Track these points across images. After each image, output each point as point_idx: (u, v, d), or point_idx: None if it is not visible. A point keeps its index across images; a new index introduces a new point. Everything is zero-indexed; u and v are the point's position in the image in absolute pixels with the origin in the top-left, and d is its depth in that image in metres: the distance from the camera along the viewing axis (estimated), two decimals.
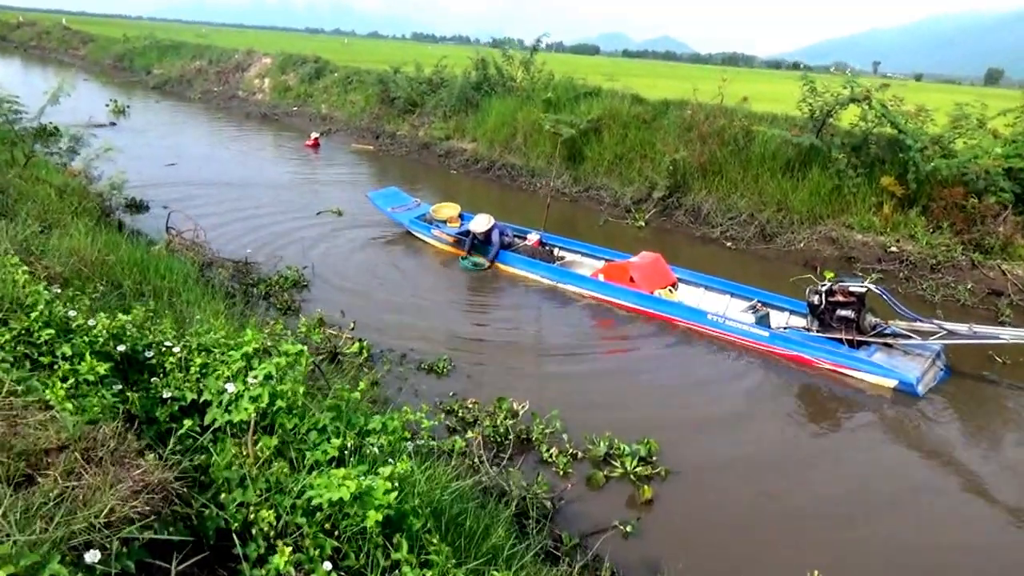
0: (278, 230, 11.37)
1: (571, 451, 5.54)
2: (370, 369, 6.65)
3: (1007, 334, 6.95)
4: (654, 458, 5.49)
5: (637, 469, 5.35)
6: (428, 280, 9.78)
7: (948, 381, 7.46)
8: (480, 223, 10.19)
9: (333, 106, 24.58)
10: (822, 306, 7.87)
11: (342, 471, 2.55)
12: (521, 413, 5.87)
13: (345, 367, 6.61)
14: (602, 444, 5.56)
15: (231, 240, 10.41)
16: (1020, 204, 10.35)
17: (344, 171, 17.21)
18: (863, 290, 7.65)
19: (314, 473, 2.65)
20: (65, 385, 2.74)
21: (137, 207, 11.60)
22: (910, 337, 7.57)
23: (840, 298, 7.76)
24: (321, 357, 6.68)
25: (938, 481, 5.81)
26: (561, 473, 5.34)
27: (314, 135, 19.87)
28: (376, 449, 3.11)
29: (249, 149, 19.31)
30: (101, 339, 3.15)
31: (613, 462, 5.48)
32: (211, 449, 2.78)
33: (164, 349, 3.38)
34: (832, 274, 10.44)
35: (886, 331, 7.72)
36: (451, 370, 6.83)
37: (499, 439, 5.59)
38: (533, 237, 10.68)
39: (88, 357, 2.92)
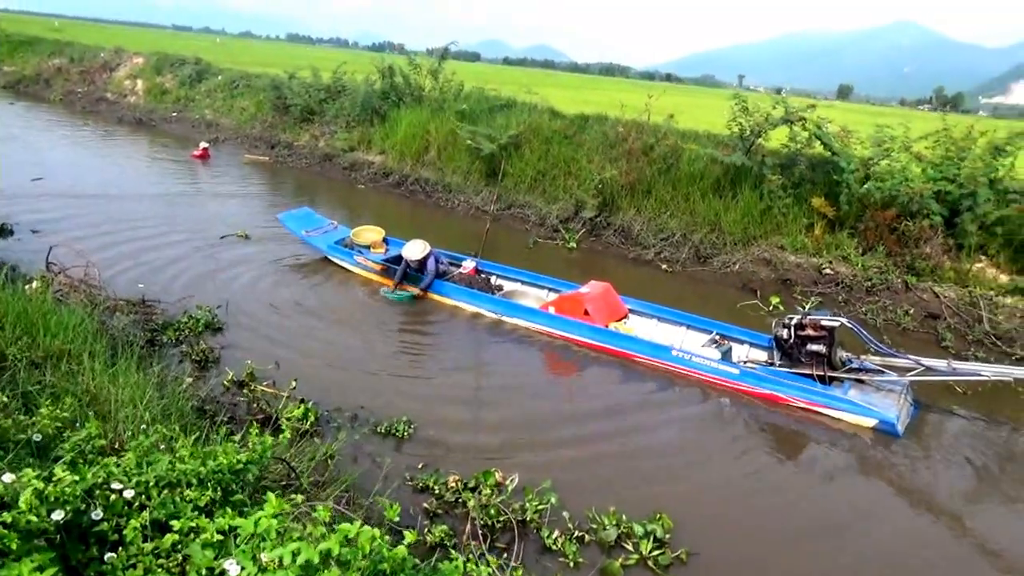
0: (174, 257, 9.97)
1: (575, 533, 4.78)
2: (318, 437, 5.64)
3: (988, 371, 6.78)
4: (668, 536, 4.82)
5: (654, 553, 4.66)
6: (362, 317, 8.71)
7: (917, 417, 7.26)
8: (415, 250, 9.25)
9: (219, 112, 22.72)
10: (791, 340, 7.51)
11: None
12: (511, 488, 5.05)
13: (286, 434, 5.57)
14: (609, 524, 4.84)
15: (118, 270, 8.97)
16: (947, 227, 10.51)
17: (239, 185, 15.69)
18: (835, 324, 7.33)
19: None
20: None
21: None
22: (883, 372, 7.32)
23: (811, 332, 7.40)
24: (253, 420, 5.61)
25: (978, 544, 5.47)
26: (572, 564, 4.57)
27: (203, 144, 18.11)
28: None
29: (126, 159, 17.36)
30: (27, 515, 2.10)
31: (625, 544, 4.77)
32: None
33: (112, 498, 2.35)
34: (778, 298, 10.39)
35: (858, 366, 7.45)
36: (412, 433, 5.90)
37: (490, 522, 4.76)
38: (469, 264, 9.85)
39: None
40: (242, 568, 2.04)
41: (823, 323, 7.36)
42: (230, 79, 23.86)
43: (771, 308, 10.13)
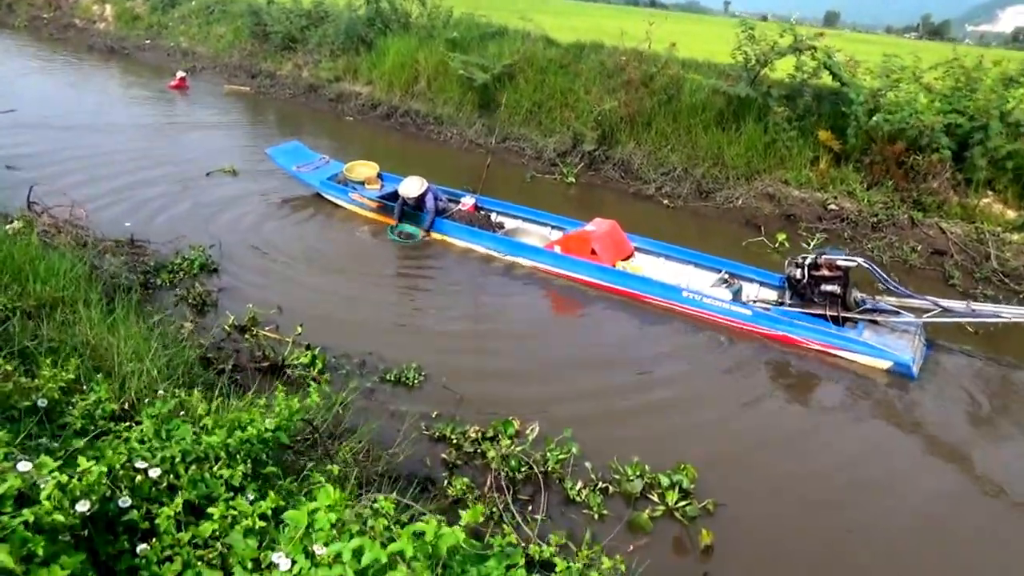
0: (160, 194, 9.56)
1: (599, 484, 4.65)
2: (326, 384, 5.43)
3: (1008, 312, 6.65)
4: (693, 487, 4.69)
5: (681, 505, 4.55)
6: (361, 256, 8.41)
7: (930, 357, 7.15)
8: (412, 186, 8.88)
9: (194, 40, 21.67)
10: (804, 280, 7.33)
11: None
12: (531, 438, 4.89)
13: (296, 381, 5.36)
14: (633, 474, 4.71)
15: (102, 208, 8.56)
16: (955, 161, 10.26)
17: (221, 117, 15.06)
18: (851, 264, 7.15)
19: None
20: None
21: None
22: (898, 313, 7.17)
23: (825, 272, 7.23)
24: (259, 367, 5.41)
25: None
26: (596, 516, 4.44)
27: (179, 74, 17.29)
28: None
29: (101, 90, 16.59)
30: (52, 513, 1.85)
31: (650, 495, 4.65)
32: None
33: (138, 479, 2.11)
34: (784, 235, 10.17)
35: (872, 306, 7.30)
36: (422, 380, 5.70)
37: (511, 473, 4.61)
38: (468, 201, 9.51)
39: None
40: (293, 562, 1.83)
41: (838, 263, 7.18)
42: (205, 4, 22.66)
43: (777, 245, 9.93)
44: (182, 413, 2.81)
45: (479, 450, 4.82)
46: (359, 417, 4.91)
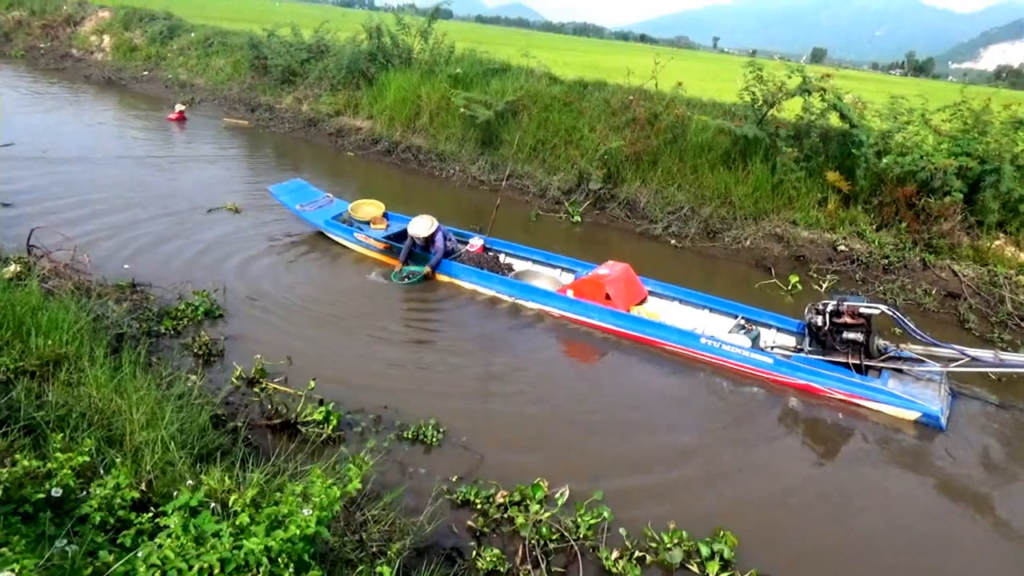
0: (160, 232, 9.32)
1: (636, 553, 4.40)
2: (340, 443, 5.18)
3: None
4: (735, 556, 4.45)
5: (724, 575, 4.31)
6: (370, 301, 8.14)
7: (955, 408, 6.97)
8: (421, 226, 8.72)
9: (193, 72, 21.64)
10: (826, 327, 7.16)
11: None
12: (560, 502, 4.65)
13: (309, 440, 5.11)
14: (671, 542, 4.46)
15: (101, 247, 8.32)
16: (966, 203, 10.20)
17: (220, 151, 14.89)
18: (874, 311, 6.99)
19: None
20: None
21: None
22: (923, 362, 7.00)
23: (847, 319, 7.06)
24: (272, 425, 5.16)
25: None
26: None
27: (179, 107, 17.17)
28: None
29: (99, 122, 16.38)
30: None
31: (690, 566, 4.40)
32: None
33: None
34: (796, 277, 10.04)
35: (896, 355, 7.12)
36: (441, 439, 5.44)
37: (542, 541, 4.36)
38: (476, 242, 9.34)
39: None
40: None
41: (861, 310, 7.01)
42: (204, 36, 22.72)
43: (789, 288, 9.79)
44: (211, 503, 2.57)
45: (506, 516, 4.57)
46: (379, 478, 4.66)
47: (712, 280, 10.15)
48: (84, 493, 2.59)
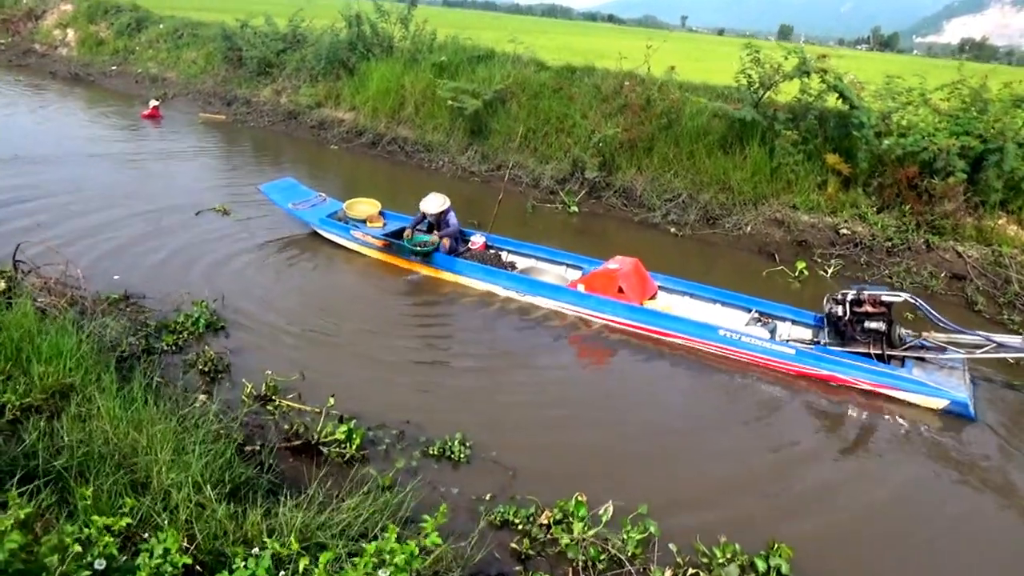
0: (146, 237, 8.93)
1: (689, 570, 4.20)
2: (363, 462, 4.92)
3: None
4: (791, 570, 4.26)
5: None
6: (376, 304, 7.83)
7: (978, 394, 6.86)
8: (433, 202, 8.62)
9: (164, 65, 20.96)
10: (846, 317, 7.00)
11: None
12: (605, 519, 4.43)
13: (331, 461, 4.84)
14: (723, 557, 4.27)
15: (84, 254, 7.89)
16: (968, 183, 10.10)
17: (199, 148, 14.42)
18: (896, 299, 6.85)
19: None
20: None
21: None
22: (947, 350, 6.86)
23: (868, 308, 6.92)
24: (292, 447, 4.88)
25: None
26: None
27: (152, 103, 16.59)
28: None
29: (70, 120, 15.82)
30: None
31: None
32: None
33: None
34: (803, 264, 9.89)
35: (918, 343, 6.99)
36: (469, 454, 5.18)
37: (590, 562, 4.15)
38: (478, 240, 9.06)
39: None
40: None
41: (883, 298, 6.88)
42: (173, 28, 22.00)
43: (797, 274, 9.65)
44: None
45: (550, 535, 4.35)
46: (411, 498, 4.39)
47: (715, 269, 9.99)
48: (126, 559, 2.31)
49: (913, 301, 6.85)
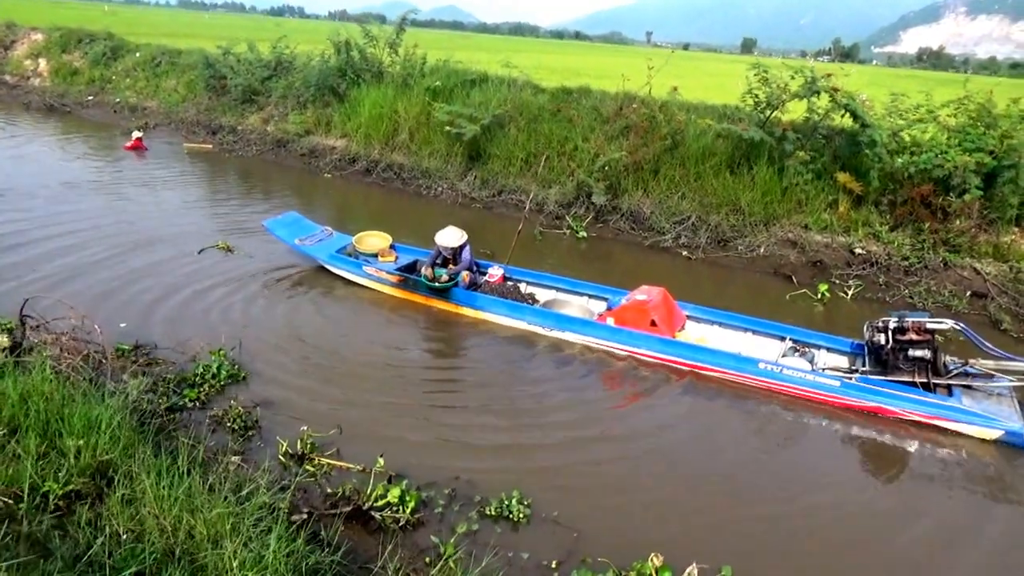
0: (148, 277, 8.48)
1: None
2: (416, 527, 4.57)
3: None
4: None
5: None
6: (397, 348, 7.40)
7: None
8: (451, 236, 8.30)
9: (142, 94, 20.46)
10: (889, 346, 6.81)
11: None
12: None
13: (387, 528, 4.48)
14: None
15: (85, 301, 7.41)
16: (984, 199, 10.04)
17: (189, 181, 13.94)
18: (942, 326, 6.67)
19: None
20: None
21: None
22: (994, 377, 6.67)
23: (912, 336, 6.73)
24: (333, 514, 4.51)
25: None
26: None
27: (135, 134, 16.08)
28: None
29: (53, 154, 15.21)
30: None
31: None
32: None
33: None
34: (826, 286, 9.73)
35: (963, 370, 6.80)
36: (529, 514, 4.83)
37: None
38: (496, 272, 8.75)
39: None
40: None
41: (928, 326, 6.69)
42: (150, 56, 21.51)
43: (820, 297, 9.48)
44: None
45: None
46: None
47: (733, 292, 9.80)
48: None
49: (959, 327, 6.67)
